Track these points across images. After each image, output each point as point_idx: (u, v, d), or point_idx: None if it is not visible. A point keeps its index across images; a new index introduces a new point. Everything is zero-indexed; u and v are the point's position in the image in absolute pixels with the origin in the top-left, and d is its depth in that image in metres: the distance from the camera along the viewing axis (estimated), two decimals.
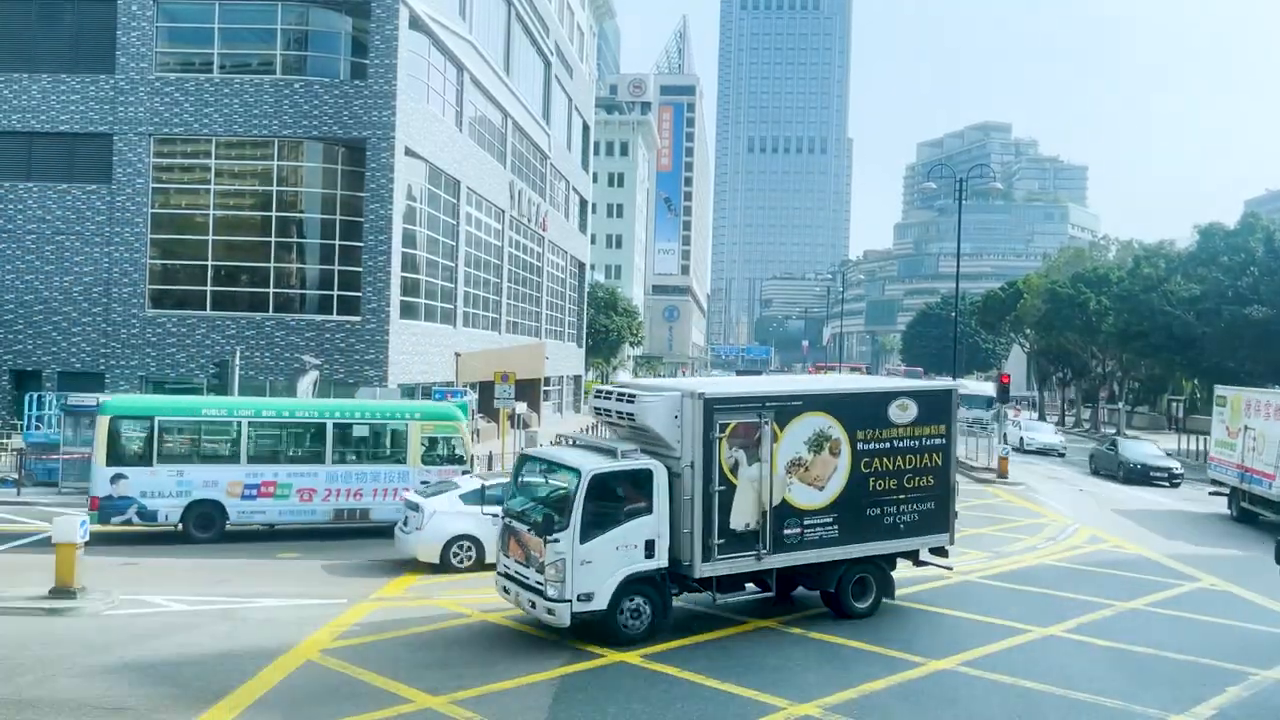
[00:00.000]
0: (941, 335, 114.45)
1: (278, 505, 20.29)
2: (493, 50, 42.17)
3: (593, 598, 12.58)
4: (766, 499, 13.47)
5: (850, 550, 14.28)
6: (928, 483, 14.85)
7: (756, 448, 13.44)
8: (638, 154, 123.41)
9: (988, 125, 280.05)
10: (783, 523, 13.63)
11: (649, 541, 12.96)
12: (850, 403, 14.45)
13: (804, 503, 13.84)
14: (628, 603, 12.87)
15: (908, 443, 14.65)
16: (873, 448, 14.37)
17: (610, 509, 12.86)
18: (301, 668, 11.91)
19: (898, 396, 14.74)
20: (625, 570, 12.76)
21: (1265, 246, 45.94)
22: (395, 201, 30.78)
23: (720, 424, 13.17)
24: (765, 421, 13.50)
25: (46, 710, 10.36)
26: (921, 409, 14.77)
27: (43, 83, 30.92)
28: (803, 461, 13.81)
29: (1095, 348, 64.31)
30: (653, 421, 13.28)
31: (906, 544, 14.93)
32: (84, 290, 30.91)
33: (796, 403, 13.92)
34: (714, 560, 13.20)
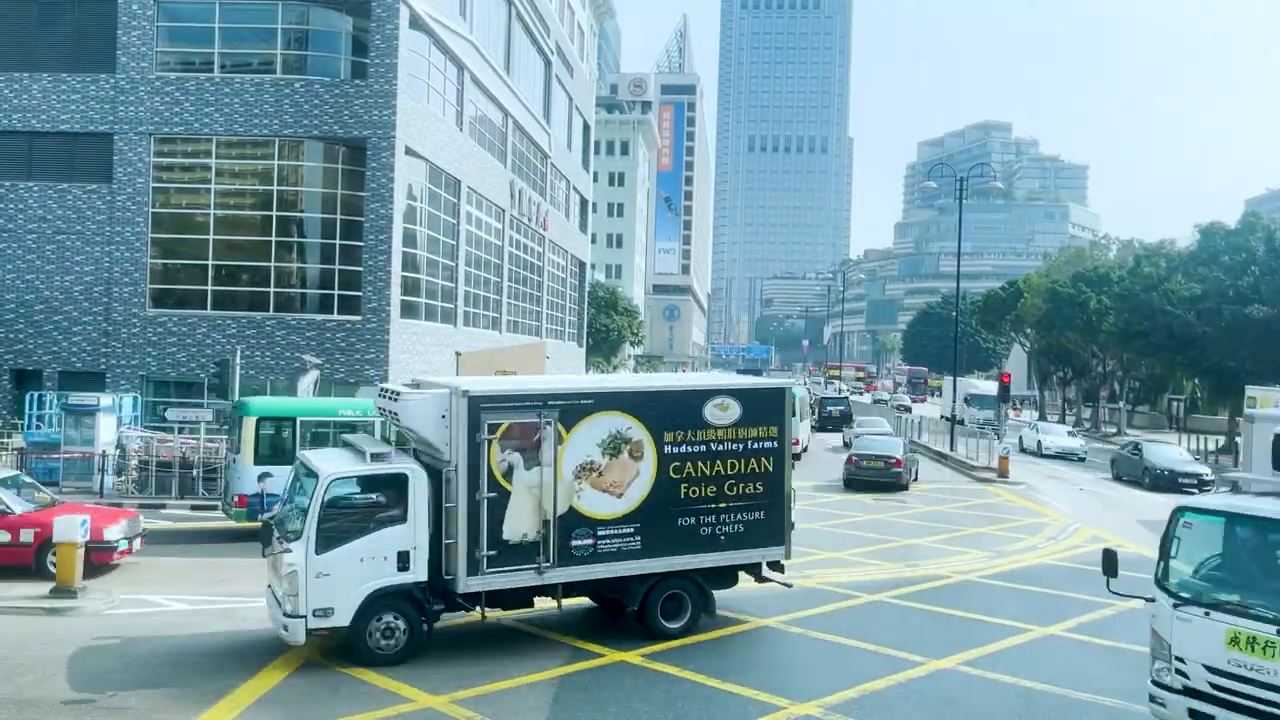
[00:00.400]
0: (942, 335, 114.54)
1: None
2: (493, 49, 42.17)
3: (332, 613, 11.52)
4: (549, 507, 12.33)
5: (656, 564, 12.97)
6: (755, 490, 13.50)
7: (536, 451, 12.27)
8: (638, 153, 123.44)
9: (988, 124, 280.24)
10: (571, 533, 12.47)
11: (402, 553, 11.84)
12: (655, 401, 13.19)
13: (598, 511, 12.64)
14: (377, 621, 11.78)
15: (730, 446, 13.34)
16: (685, 451, 13.11)
17: (355, 517, 11.88)
18: (302, 667, 11.92)
19: (715, 395, 13.45)
20: (373, 584, 11.68)
21: (1266, 246, 45.97)
22: (396, 201, 30.78)
23: (489, 424, 12.05)
24: (547, 422, 12.34)
25: (47, 710, 10.37)
26: (747, 409, 13.47)
27: (43, 82, 30.93)
28: (595, 466, 12.60)
29: (1096, 347, 64.34)
30: (416, 422, 12.27)
31: (729, 557, 13.49)
32: (85, 290, 30.91)
33: (586, 401, 12.71)
34: (483, 574, 12.06)
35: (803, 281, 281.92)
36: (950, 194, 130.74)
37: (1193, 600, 8.94)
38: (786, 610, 14.83)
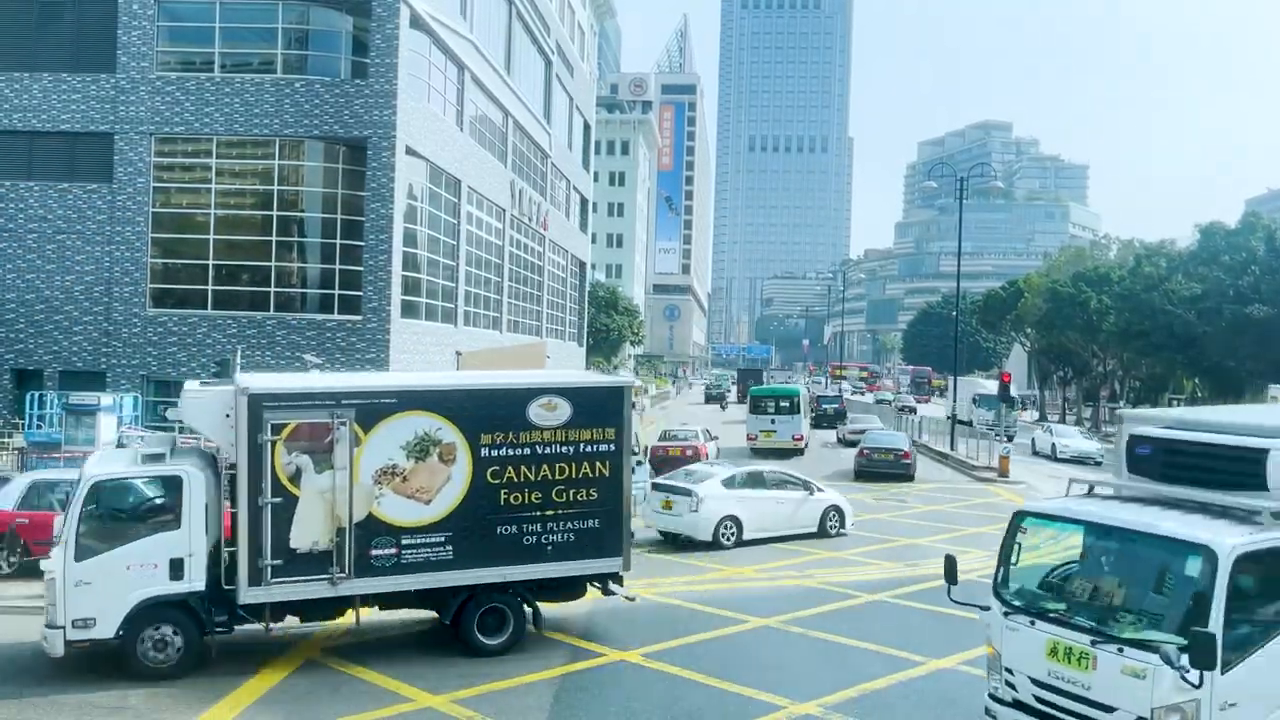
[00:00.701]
0: (942, 334, 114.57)
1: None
2: (493, 49, 42.17)
3: (94, 624, 10.89)
4: (344, 514, 11.51)
5: (472, 576, 12.10)
6: (589, 497, 12.58)
7: (329, 453, 11.47)
8: (638, 153, 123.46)
9: (989, 124, 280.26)
10: (371, 542, 11.64)
11: (175, 561, 11.11)
12: (469, 400, 12.22)
13: (403, 518, 11.77)
14: (151, 631, 11.12)
15: (559, 449, 12.43)
16: (505, 454, 12.19)
17: (122, 521, 11.27)
18: (302, 666, 11.93)
19: (542, 394, 12.49)
20: (141, 593, 10.99)
21: (1266, 245, 45.98)
22: (396, 201, 30.79)
23: (273, 424, 11.26)
24: (341, 422, 11.50)
25: (47, 709, 10.38)
26: (578, 410, 12.54)
27: (44, 82, 30.93)
28: (399, 470, 11.74)
29: (1096, 347, 64.36)
30: (199, 422, 11.74)
31: (558, 569, 12.58)
32: (85, 289, 30.92)
33: (388, 400, 11.82)
34: (267, 584, 11.28)
35: (803, 281, 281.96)
36: (950, 194, 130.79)
37: (1021, 609, 8.48)
38: (787, 610, 14.84)
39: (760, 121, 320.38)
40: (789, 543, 20.71)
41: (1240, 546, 7.42)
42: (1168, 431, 8.91)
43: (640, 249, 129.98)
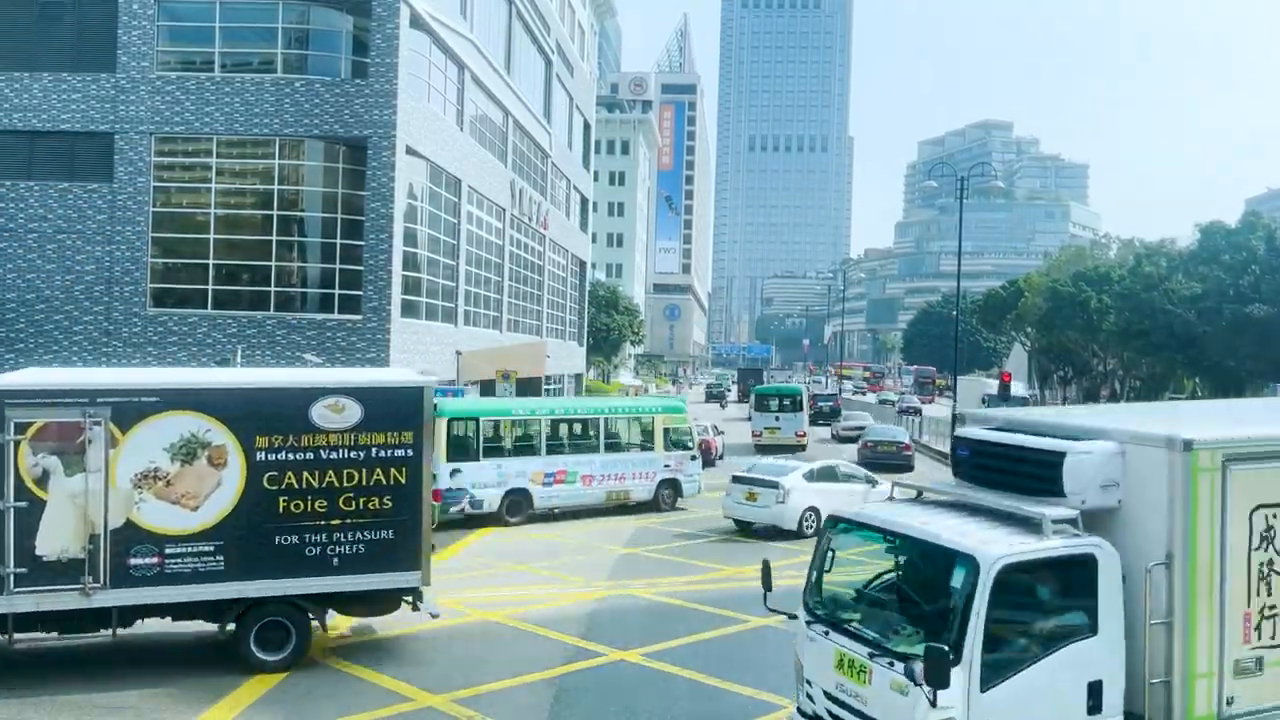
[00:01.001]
0: (943, 334, 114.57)
1: (567, 490, 23.40)
2: (494, 49, 42.17)
3: None
4: (99, 519, 10.84)
5: (246, 588, 11.37)
6: (382, 505, 11.80)
7: (81, 454, 10.80)
8: (639, 152, 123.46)
9: (989, 124, 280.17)
10: (130, 551, 10.95)
11: None
12: (243, 400, 11.49)
13: (166, 526, 11.08)
14: None
15: (347, 454, 11.67)
16: (285, 459, 11.44)
17: None
18: (303, 666, 11.93)
19: (327, 394, 11.69)
20: None
21: (1266, 245, 45.96)
22: (396, 200, 30.80)
23: (17, 423, 10.59)
24: (95, 421, 10.85)
25: (47, 709, 10.39)
26: (371, 412, 11.75)
27: (44, 81, 30.93)
28: (161, 473, 11.06)
29: (1096, 346, 64.36)
30: None
31: (346, 583, 11.76)
32: (85, 289, 30.92)
33: (149, 399, 11.09)
34: (9, 594, 10.60)
35: (803, 280, 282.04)
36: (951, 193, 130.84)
37: (820, 618, 8.07)
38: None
39: (760, 121, 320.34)
40: None
41: (1007, 557, 6.94)
42: (981, 433, 8.53)
43: (640, 248, 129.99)
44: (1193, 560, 7.17)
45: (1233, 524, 7.32)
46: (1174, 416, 9.25)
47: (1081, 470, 7.39)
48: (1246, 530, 7.36)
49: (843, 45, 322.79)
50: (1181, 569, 7.17)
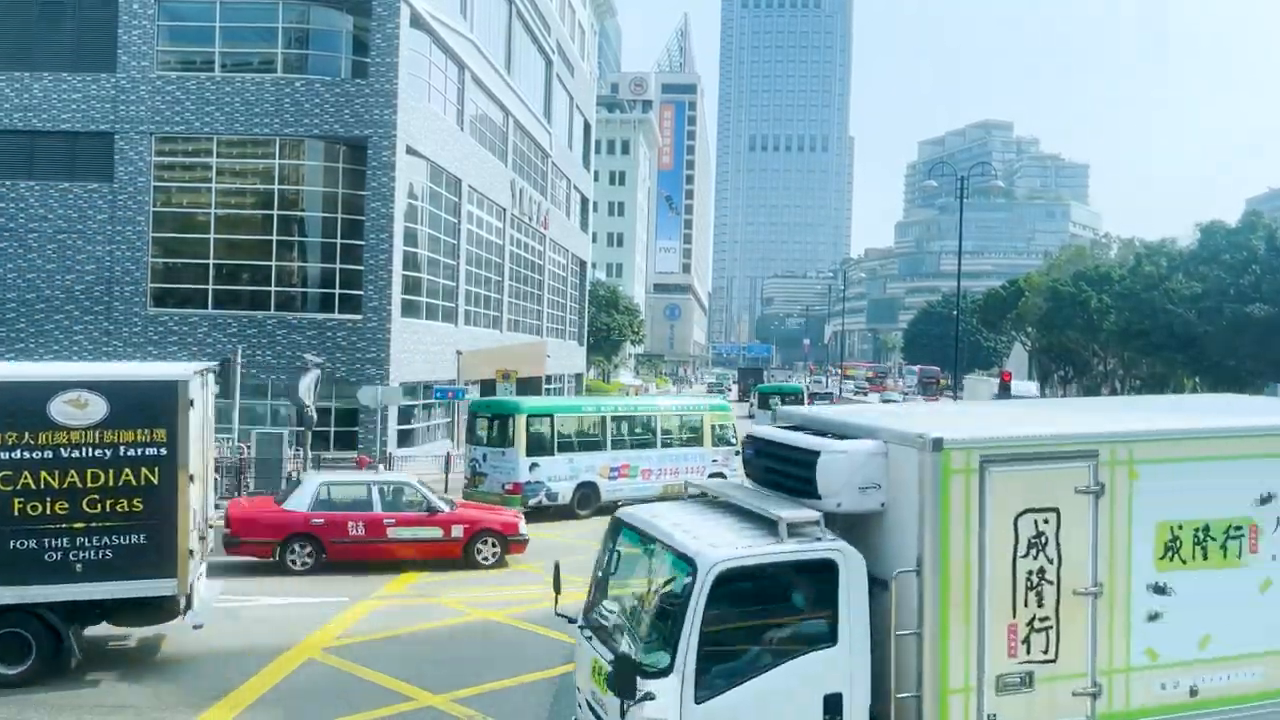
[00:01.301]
0: (943, 333, 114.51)
1: (629, 484, 24.37)
2: (494, 48, 42.17)
3: None
4: None
5: None
6: (131, 508, 10.96)
7: None
8: (639, 152, 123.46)
9: (989, 123, 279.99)
10: None
11: None
12: None
13: None
14: None
15: (91, 453, 10.84)
16: (19, 457, 10.62)
17: None
18: (303, 666, 11.94)
19: (67, 389, 10.85)
20: None
21: (1267, 245, 45.96)
22: (397, 200, 30.79)
23: None
24: None
25: (47, 709, 10.38)
26: (117, 408, 10.93)
27: (44, 81, 30.93)
28: None
29: (1097, 346, 64.36)
30: None
31: (93, 590, 10.94)
32: (86, 289, 30.92)
33: None
34: None
35: (803, 280, 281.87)
36: (951, 193, 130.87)
37: (588, 623, 7.69)
38: None
39: (760, 121, 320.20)
40: None
41: (727, 560, 6.47)
42: (767, 431, 8.13)
43: (640, 248, 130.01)
44: (944, 567, 6.63)
45: (994, 529, 6.76)
46: (990, 414, 8.74)
47: (835, 470, 6.93)
48: (1011, 536, 6.80)
49: (843, 45, 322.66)
50: (932, 577, 6.62)
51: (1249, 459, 7.49)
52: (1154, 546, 7.19)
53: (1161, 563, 7.21)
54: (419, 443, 34.03)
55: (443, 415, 37.26)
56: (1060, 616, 6.94)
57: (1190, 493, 7.27)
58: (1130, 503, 7.09)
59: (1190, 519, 7.29)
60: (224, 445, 25.24)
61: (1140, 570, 7.15)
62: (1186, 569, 7.26)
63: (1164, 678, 7.21)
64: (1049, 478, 6.95)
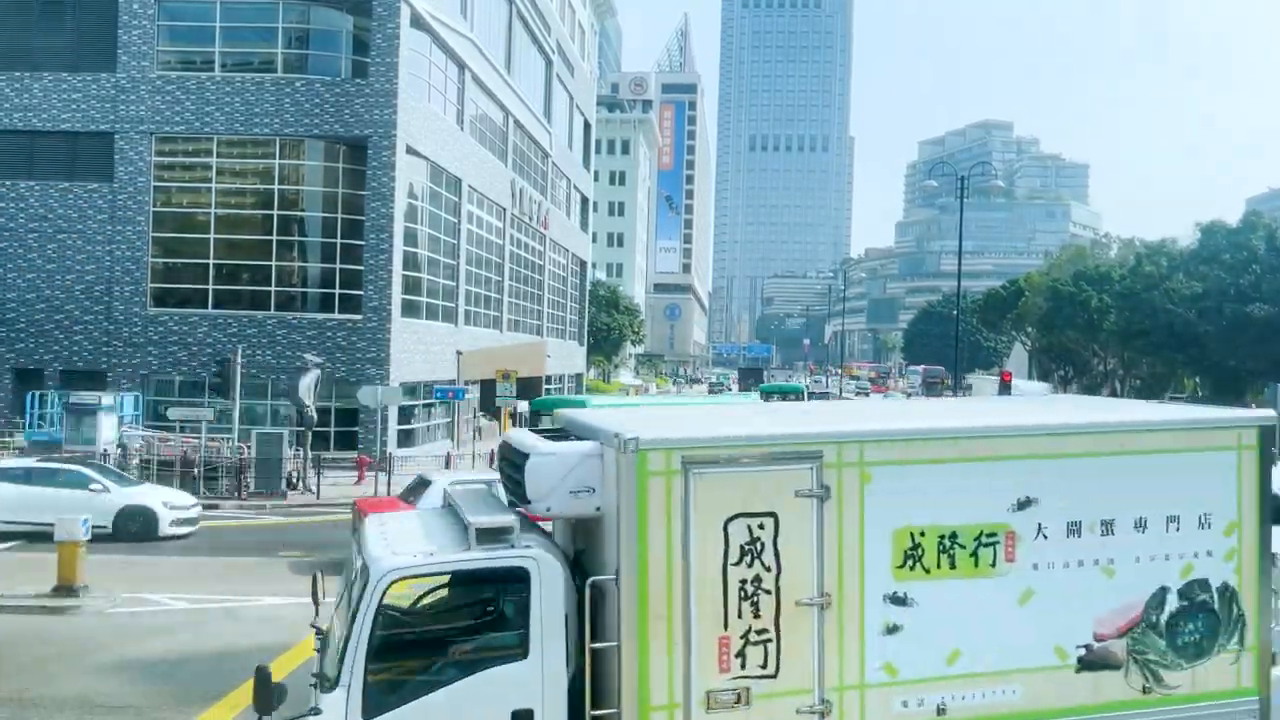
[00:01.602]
0: (943, 333, 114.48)
1: None
2: (494, 48, 42.17)
3: None
4: None
5: None
6: None
7: None
8: (639, 152, 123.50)
9: (989, 123, 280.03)
10: None
11: None
12: None
13: None
14: None
15: None
16: None
17: None
18: (304, 665, 11.92)
19: None
20: None
21: (1267, 244, 45.94)
22: (397, 200, 30.79)
23: None
24: None
25: (49, 708, 10.38)
26: None
27: (44, 81, 30.93)
28: None
29: (1097, 346, 64.34)
30: None
31: None
32: (86, 289, 30.92)
33: None
34: None
35: (804, 280, 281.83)
36: (951, 193, 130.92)
37: (317, 632, 7.20)
38: None
39: (761, 121, 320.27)
40: None
41: (400, 569, 6.10)
42: (508, 433, 7.66)
43: (641, 248, 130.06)
44: (642, 576, 6.16)
45: (701, 535, 6.26)
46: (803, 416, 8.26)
47: (543, 473, 6.48)
48: (721, 543, 6.30)
49: (843, 45, 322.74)
50: (630, 586, 6.17)
51: (1004, 460, 6.89)
52: (892, 554, 6.61)
53: (901, 572, 6.62)
54: (419, 443, 34.04)
55: (443, 415, 37.24)
56: (781, 629, 6.40)
57: (935, 497, 6.69)
58: (862, 507, 6.54)
59: (935, 525, 6.69)
60: (224, 445, 25.26)
61: (876, 580, 6.58)
62: (931, 579, 6.66)
63: (905, 695, 6.62)
64: (764, 480, 6.42)
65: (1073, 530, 7.01)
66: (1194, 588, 7.20)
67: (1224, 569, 7.30)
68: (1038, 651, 6.89)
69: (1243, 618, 7.34)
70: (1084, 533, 7.03)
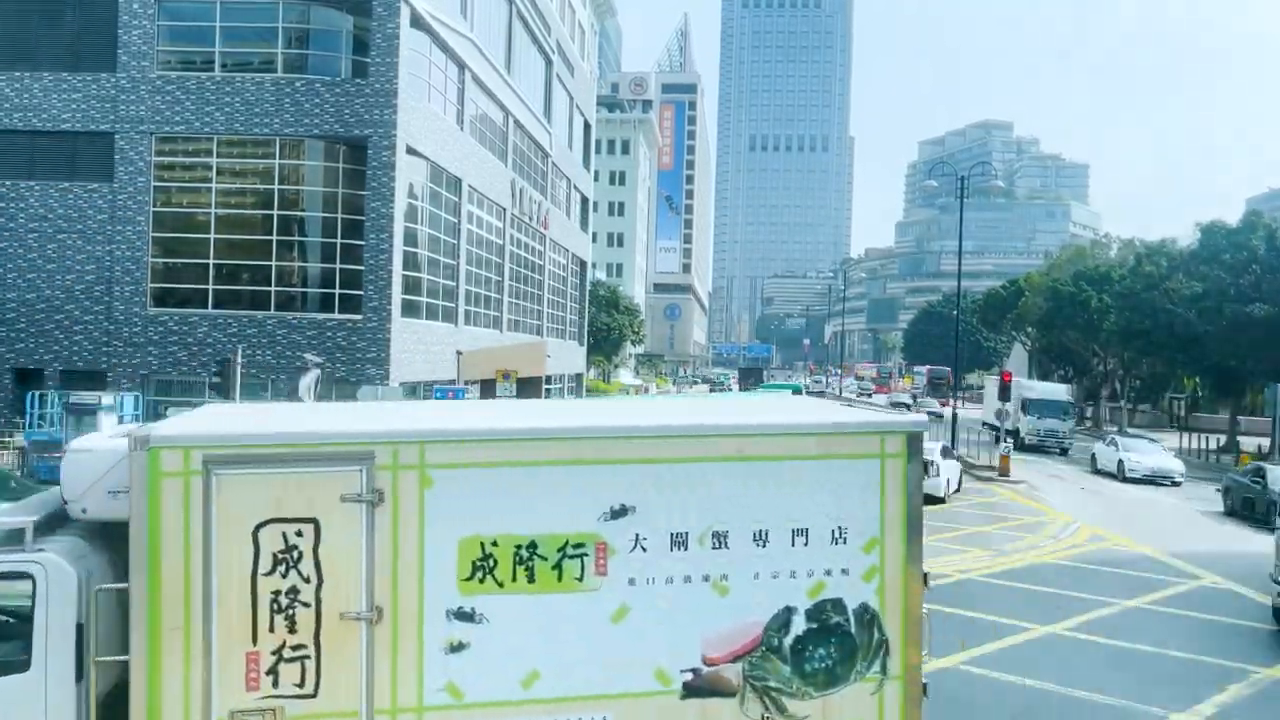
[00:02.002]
0: (943, 333, 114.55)
1: None
2: (494, 48, 42.18)
3: None
4: None
5: None
6: None
7: None
8: (639, 152, 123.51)
9: (989, 123, 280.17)
10: None
11: None
12: None
13: None
14: None
15: None
16: None
17: None
18: None
19: None
20: None
21: (1267, 244, 45.90)
22: (397, 200, 30.80)
23: None
24: None
25: None
26: None
27: (44, 81, 30.94)
28: None
29: (1097, 346, 64.32)
30: None
31: None
32: (86, 288, 30.93)
33: None
34: None
35: (804, 280, 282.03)
36: (951, 193, 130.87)
37: None
38: None
39: (761, 121, 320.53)
40: None
41: None
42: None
43: (641, 248, 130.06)
44: (154, 584, 5.74)
45: (225, 542, 5.83)
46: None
47: (77, 471, 6.12)
48: (250, 551, 5.88)
49: (843, 45, 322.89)
50: (140, 594, 5.74)
51: (594, 465, 6.33)
52: (458, 565, 6.12)
53: (469, 584, 6.13)
54: None
55: None
56: (322, 645, 5.96)
57: (511, 503, 6.21)
58: (423, 514, 6.05)
59: (510, 534, 6.19)
60: None
61: (438, 593, 6.10)
62: (505, 593, 6.18)
63: (471, 719, 6.16)
64: (303, 483, 5.96)
65: (678, 542, 6.44)
66: (826, 609, 6.64)
67: (863, 589, 6.73)
68: (635, 675, 6.35)
69: (885, 643, 6.80)
70: (692, 545, 6.45)
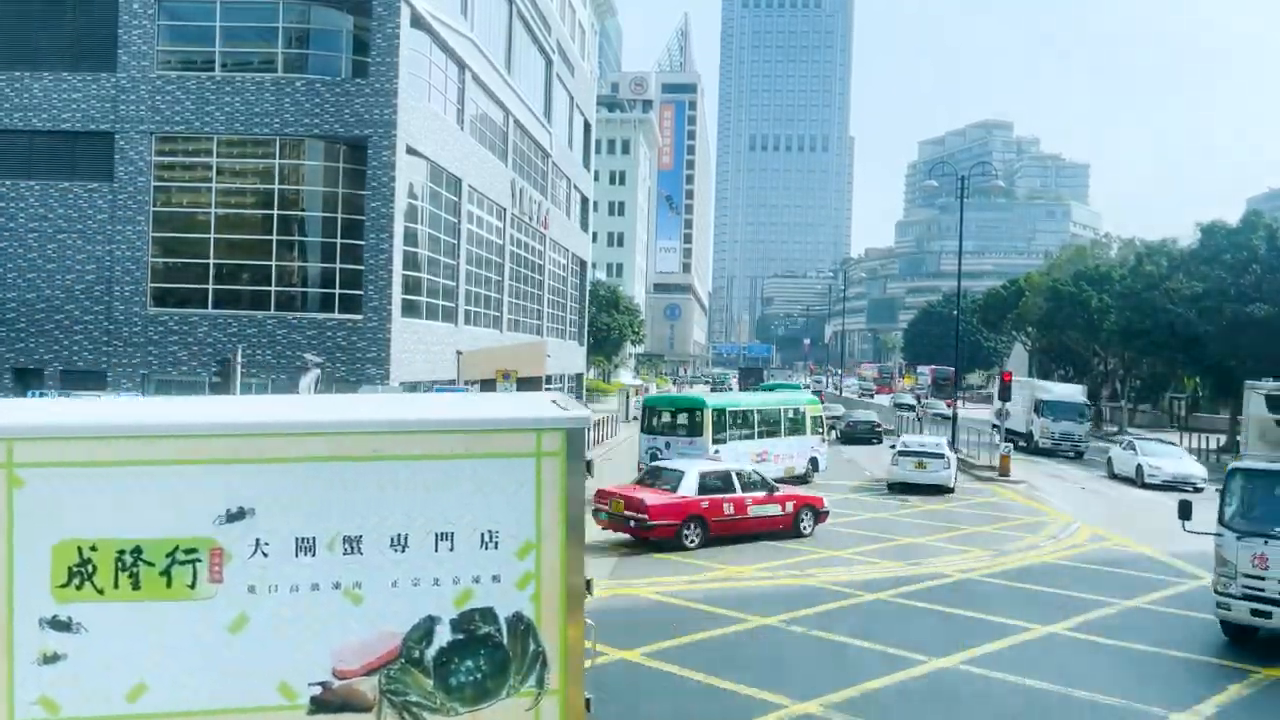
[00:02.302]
0: (943, 333, 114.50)
1: (771, 468, 26.65)
2: (494, 48, 42.17)
3: None
4: None
5: None
6: None
7: None
8: (639, 152, 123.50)
9: (989, 123, 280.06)
10: None
11: None
12: None
13: None
14: None
15: None
16: None
17: None
18: None
19: None
20: None
21: (1267, 244, 45.88)
22: (397, 200, 30.80)
23: None
24: None
25: None
26: None
27: (44, 81, 30.94)
28: None
29: (1097, 346, 64.30)
30: None
31: None
32: (86, 288, 30.93)
33: None
34: None
35: (804, 280, 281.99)
36: (951, 193, 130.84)
37: None
38: (788, 609, 14.83)
39: (761, 120, 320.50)
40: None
41: None
42: None
43: (641, 248, 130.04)
44: None
45: None
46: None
47: None
48: None
49: (843, 45, 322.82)
50: None
51: (206, 465, 6.02)
52: (52, 571, 5.78)
53: (65, 591, 5.79)
54: None
55: None
56: None
57: (112, 505, 5.87)
58: (11, 516, 5.73)
59: (111, 538, 5.85)
60: None
61: (30, 600, 5.76)
62: (106, 600, 5.84)
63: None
64: None
65: (304, 548, 6.14)
66: (474, 618, 6.35)
67: (517, 597, 6.41)
68: (256, 689, 6.04)
69: (542, 655, 6.45)
70: (320, 551, 6.16)
